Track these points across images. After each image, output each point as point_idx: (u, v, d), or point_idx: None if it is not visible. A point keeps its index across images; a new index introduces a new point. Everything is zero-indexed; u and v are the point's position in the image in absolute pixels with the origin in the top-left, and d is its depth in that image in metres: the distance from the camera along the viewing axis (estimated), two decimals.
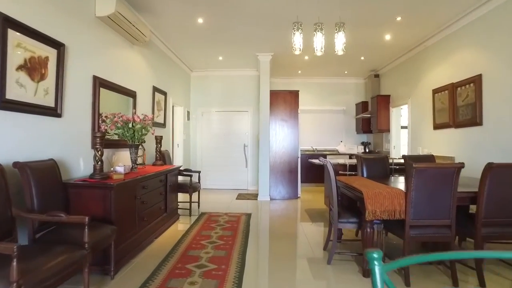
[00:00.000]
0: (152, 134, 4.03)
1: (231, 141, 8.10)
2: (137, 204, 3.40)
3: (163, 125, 5.97)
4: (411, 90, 6.35)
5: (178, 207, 5.15)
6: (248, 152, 8.04)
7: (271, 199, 6.66)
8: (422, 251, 3.40)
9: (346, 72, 8.32)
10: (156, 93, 5.56)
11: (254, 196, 6.91)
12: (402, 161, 5.15)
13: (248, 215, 5.21)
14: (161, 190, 4.20)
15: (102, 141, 2.95)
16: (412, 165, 2.59)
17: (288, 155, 6.75)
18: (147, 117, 3.92)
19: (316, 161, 5.40)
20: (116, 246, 2.80)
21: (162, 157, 5.19)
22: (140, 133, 3.90)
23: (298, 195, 6.80)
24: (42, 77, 2.65)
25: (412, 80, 6.30)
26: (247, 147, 8.04)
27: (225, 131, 8.12)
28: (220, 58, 6.97)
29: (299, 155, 6.81)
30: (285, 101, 6.76)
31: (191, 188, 5.14)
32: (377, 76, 8.04)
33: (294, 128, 6.76)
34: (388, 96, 7.39)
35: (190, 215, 5.18)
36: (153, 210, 3.93)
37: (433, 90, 5.45)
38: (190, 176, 5.18)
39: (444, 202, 2.64)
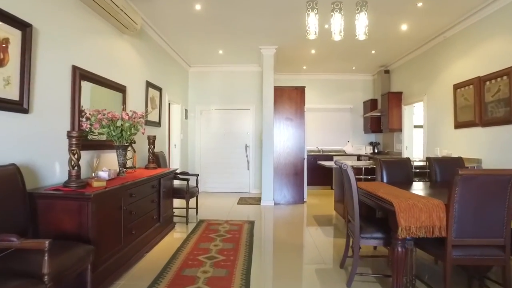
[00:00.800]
0: (142, 133, 3.53)
1: (232, 141, 7.61)
2: (123, 215, 2.90)
3: (157, 124, 5.48)
4: (427, 86, 5.85)
5: (174, 214, 4.67)
6: (250, 153, 7.55)
7: (275, 203, 6.17)
8: (461, 274, 2.90)
9: (354, 68, 7.83)
10: (150, 88, 5.07)
11: (257, 201, 6.42)
12: (420, 163, 4.65)
13: (251, 223, 4.72)
14: (153, 197, 3.71)
15: (79, 142, 2.46)
16: (457, 171, 2.10)
17: (294, 156, 6.26)
18: (136, 114, 3.42)
19: (327, 163, 4.89)
20: (94, 268, 2.31)
21: (156, 159, 4.70)
22: (129, 133, 3.41)
23: (304, 199, 6.31)
24: (1, 64, 2.16)
25: (428, 76, 5.81)
26: (249, 148, 7.55)
27: (226, 131, 7.63)
28: (220, 52, 6.48)
29: (305, 157, 6.32)
30: (290, 98, 6.27)
31: (188, 193, 4.64)
32: (387, 72, 7.55)
33: (300, 127, 6.27)
34: (400, 93, 6.90)
35: (187, 223, 4.69)
36: (144, 221, 3.43)
37: (454, 85, 4.96)
38: (187, 180, 4.69)
39: (496, 217, 2.15)
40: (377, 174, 3.59)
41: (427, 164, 3.83)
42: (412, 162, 4.35)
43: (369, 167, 4.58)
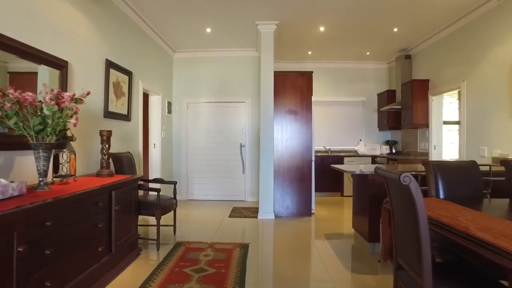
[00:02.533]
0: (74, 125, 2.34)
1: (224, 140, 6.43)
2: (18, 259, 1.71)
3: (126, 117, 4.29)
4: (466, 70, 4.67)
5: (141, 236, 3.48)
6: (245, 154, 6.37)
7: (276, 216, 4.98)
8: None
9: (368, 53, 6.64)
10: (112, 70, 3.88)
11: (254, 212, 5.24)
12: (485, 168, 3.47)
13: (244, 248, 3.53)
14: (98, 220, 2.52)
15: None
16: None
17: (299, 158, 5.07)
18: (63, 96, 2.24)
19: (348, 168, 3.67)
20: None
21: (118, 163, 3.52)
22: (55, 121, 2.23)
23: (312, 211, 5.12)
24: None
25: (469, 56, 4.63)
26: (245, 148, 6.37)
27: (217, 128, 6.44)
28: (208, 30, 5.29)
29: (313, 158, 5.14)
30: (294, 86, 5.08)
31: (159, 208, 3.45)
32: (408, 57, 6.36)
33: (307, 122, 5.09)
34: (427, 81, 5.72)
35: (158, 248, 3.50)
36: (77, 258, 2.25)
37: None
38: (158, 191, 3.49)
39: None
40: (429, 186, 2.41)
41: (506, 170, 2.63)
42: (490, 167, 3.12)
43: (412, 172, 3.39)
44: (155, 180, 3.98)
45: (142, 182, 3.70)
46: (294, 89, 5.07)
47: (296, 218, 4.97)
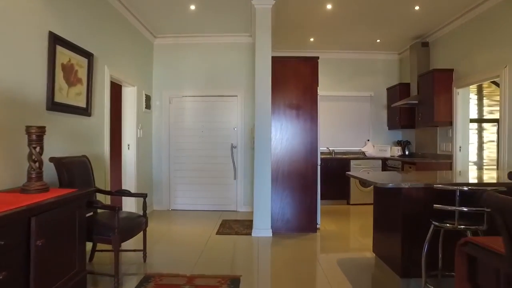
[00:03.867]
0: None
1: (213, 140, 5.52)
2: None
3: (83, 110, 3.36)
4: (506, 56, 3.84)
5: (91, 271, 2.57)
6: (237, 156, 5.47)
7: (274, 233, 4.09)
8: None
9: (378, 40, 5.79)
10: (61, 48, 2.95)
11: (247, 227, 4.34)
12: None
13: (234, 284, 2.64)
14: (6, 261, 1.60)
15: None
16: None
17: (301, 161, 4.19)
18: None
19: (398, 184, 2.77)
20: None
21: (66, 171, 2.59)
22: None
23: (318, 225, 4.24)
24: None
25: (509, 38, 3.79)
26: (236, 149, 5.47)
27: (205, 126, 5.53)
28: (192, 7, 4.38)
29: (319, 162, 4.26)
30: (296, 74, 4.20)
31: (118, 233, 2.53)
32: (425, 44, 5.52)
33: (311, 118, 4.21)
34: (451, 71, 4.88)
35: (117, 284, 2.58)
36: None
37: None
38: (115, 210, 2.56)
39: None
40: None
41: None
42: None
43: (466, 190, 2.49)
44: (118, 193, 3.05)
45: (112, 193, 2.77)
46: (296, 78, 4.18)
47: (299, 235, 4.09)
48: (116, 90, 4.74)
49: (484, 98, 6.41)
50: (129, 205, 4.68)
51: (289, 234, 4.09)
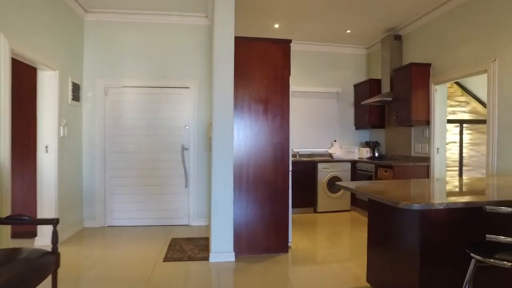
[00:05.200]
0: None
1: (159, 140, 4.57)
2: None
3: None
4: (499, 47, 3.45)
5: None
6: (190, 160, 4.58)
7: (237, 256, 3.29)
8: None
9: (348, 31, 5.27)
10: None
11: (202, 248, 3.50)
12: None
13: None
14: None
15: None
16: None
17: (271, 166, 3.44)
18: None
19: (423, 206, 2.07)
20: None
21: None
22: None
23: (289, 243, 3.52)
24: None
25: (503, 27, 3.40)
26: (188, 151, 4.58)
27: (150, 123, 4.56)
28: None
29: (291, 168, 3.55)
30: (264, 60, 3.44)
31: None
32: (398, 38, 5.11)
33: (282, 115, 3.49)
34: (428, 66, 4.48)
35: None
36: None
37: None
38: None
39: None
40: None
41: None
42: None
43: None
44: (9, 220, 2.04)
45: None
46: (264, 65, 3.43)
47: (268, 257, 3.33)
48: (29, 75, 3.63)
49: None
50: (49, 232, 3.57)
51: (256, 257, 3.32)
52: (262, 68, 3.43)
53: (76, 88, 4.18)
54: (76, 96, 4.18)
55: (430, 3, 4.17)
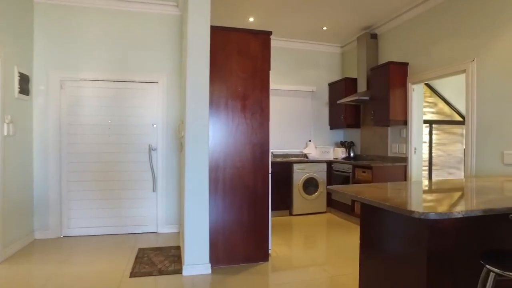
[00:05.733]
0: None
1: (124, 140, 4.14)
2: None
3: None
4: (478, 46, 3.43)
5: None
6: (158, 161, 4.19)
7: (213, 268, 2.98)
8: None
9: (325, 28, 5.13)
10: None
11: (174, 259, 3.15)
12: None
13: None
14: None
15: None
16: None
17: (249, 168, 3.17)
18: None
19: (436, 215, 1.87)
20: None
21: None
22: None
23: (269, 251, 3.27)
24: None
25: (484, 26, 3.38)
26: (156, 152, 4.19)
27: (113, 121, 4.12)
28: None
29: (270, 169, 3.30)
30: (242, 53, 3.17)
31: None
32: (374, 36, 5.05)
33: (261, 112, 3.23)
34: (405, 65, 4.43)
35: None
36: None
37: None
38: None
39: None
40: None
41: None
42: None
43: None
44: None
45: None
46: (242, 58, 3.15)
47: (247, 266, 3.06)
48: None
49: None
50: None
51: (235, 268, 3.03)
52: (240, 62, 3.15)
53: (24, 80, 3.65)
54: (24, 89, 3.66)
55: (406, 2, 4.13)
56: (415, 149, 4.34)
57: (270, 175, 3.27)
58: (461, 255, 1.66)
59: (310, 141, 5.83)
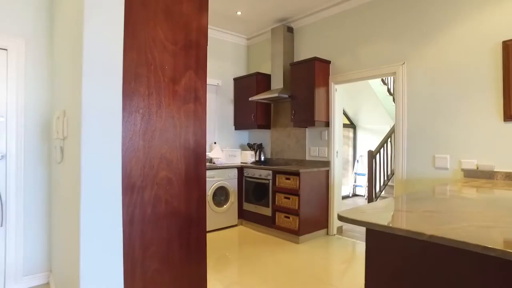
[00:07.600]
0: None
1: None
2: None
3: None
4: (407, 50, 3.39)
5: None
6: (9, 177, 2.62)
7: None
8: None
9: (239, 13, 4.45)
10: None
11: None
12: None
13: None
14: None
15: None
16: None
17: (180, 182, 2.18)
18: None
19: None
20: None
21: None
22: None
23: None
24: None
25: (413, 31, 3.35)
26: (5, 161, 2.62)
27: None
28: None
29: (206, 177, 2.37)
30: (170, 15, 2.14)
31: None
32: (290, 30, 4.67)
33: (196, 100, 2.28)
34: (328, 63, 4.18)
35: None
36: None
37: (504, 43, 2.69)
38: None
39: None
40: None
41: None
42: None
43: None
44: None
45: None
46: (170, 23, 2.13)
47: None
48: None
49: None
50: None
51: None
52: (168, 27, 2.12)
53: None
54: None
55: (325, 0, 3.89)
56: (337, 152, 4.14)
57: (206, 190, 2.35)
58: None
59: (215, 143, 5.03)
